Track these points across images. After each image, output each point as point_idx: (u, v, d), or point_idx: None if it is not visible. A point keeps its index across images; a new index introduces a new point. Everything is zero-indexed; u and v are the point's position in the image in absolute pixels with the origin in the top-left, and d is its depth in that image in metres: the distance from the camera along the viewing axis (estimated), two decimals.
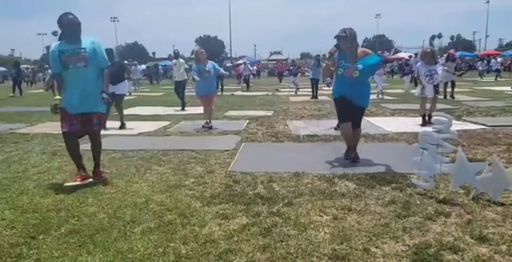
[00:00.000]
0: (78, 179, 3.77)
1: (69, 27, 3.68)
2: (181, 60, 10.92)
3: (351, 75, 4.30)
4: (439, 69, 6.98)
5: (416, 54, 15.47)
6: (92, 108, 3.81)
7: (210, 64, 7.16)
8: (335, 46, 4.35)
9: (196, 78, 6.98)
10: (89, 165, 4.12)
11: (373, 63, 4.39)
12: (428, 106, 7.18)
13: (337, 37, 4.32)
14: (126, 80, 7.62)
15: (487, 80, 23.82)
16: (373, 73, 4.31)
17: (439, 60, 8.94)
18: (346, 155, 4.55)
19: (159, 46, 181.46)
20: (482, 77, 26.66)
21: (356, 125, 4.52)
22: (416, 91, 7.46)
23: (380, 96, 13.13)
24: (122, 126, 7.33)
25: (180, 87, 10.73)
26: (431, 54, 7.13)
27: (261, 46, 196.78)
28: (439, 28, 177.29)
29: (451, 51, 13.42)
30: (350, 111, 4.45)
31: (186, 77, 10.71)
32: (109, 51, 7.47)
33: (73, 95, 3.72)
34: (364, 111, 4.63)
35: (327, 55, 4.47)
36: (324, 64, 4.81)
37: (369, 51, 4.52)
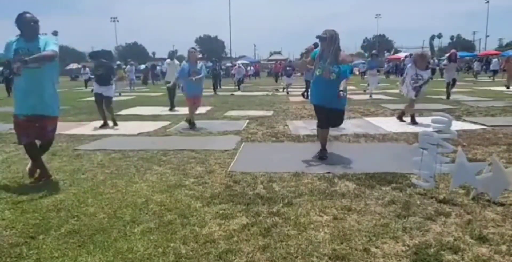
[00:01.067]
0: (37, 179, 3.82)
1: (26, 25, 3.60)
2: (176, 62, 10.91)
3: (328, 77, 4.36)
4: (426, 75, 7.04)
5: (411, 54, 15.42)
6: (46, 111, 3.73)
7: (199, 65, 7.22)
8: (313, 44, 4.44)
9: (179, 78, 7.05)
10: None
11: (345, 71, 4.43)
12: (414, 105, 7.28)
13: (318, 37, 4.39)
14: (113, 83, 7.71)
15: (483, 80, 23.84)
16: (346, 77, 4.44)
17: (432, 61, 9.02)
18: (322, 154, 4.65)
19: (159, 46, 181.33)
20: (476, 77, 26.68)
21: (337, 126, 4.70)
22: (404, 92, 7.48)
23: (372, 96, 13.19)
24: (114, 124, 7.50)
25: (172, 87, 10.73)
26: (423, 59, 7.15)
27: (261, 46, 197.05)
28: (439, 28, 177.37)
29: (453, 51, 13.32)
30: (329, 116, 4.59)
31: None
32: (107, 53, 7.51)
33: (27, 97, 3.64)
34: (344, 113, 4.70)
35: (304, 51, 4.60)
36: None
37: (348, 60, 4.55)
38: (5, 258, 2.33)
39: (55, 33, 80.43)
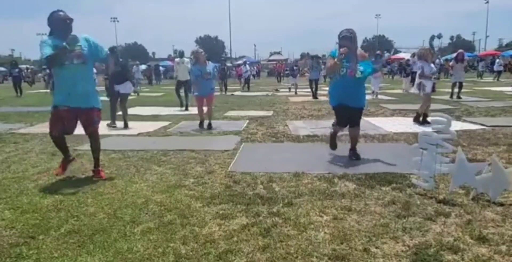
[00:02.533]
0: (63, 169, 3.98)
1: (61, 23, 3.67)
2: (186, 59, 10.84)
3: (353, 76, 4.38)
4: (430, 67, 7.11)
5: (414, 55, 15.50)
6: (90, 104, 3.84)
7: (210, 66, 7.17)
8: (342, 47, 4.35)
9: (195, 80, 7.03)
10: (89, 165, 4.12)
11: (370, 70, 4.58)
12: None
13: (344, 37, 4.39)
14: (128, 80, 7.65)
15: (486, 81, 23.84)
16: (369, 76, 4.54)
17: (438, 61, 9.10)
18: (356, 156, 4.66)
19: (159, 46, 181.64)
20: (481, 78, 26.65)
21: (355, 124, 4.64)
22: (419, 90, 7.40)
23: (374, 96, 13.25)
24: (126, 126, 7.36)
25: (182, 87, 10.72)
26: (430, 53, 7.26)
27: (261, 46, 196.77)
28: (439, 28, 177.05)
29: (461, 51, 13.28)
30: (348, 115, 4.60)
31: (189, 77, 10.72)
32: (111, 49, 7.47)
33: (71, 91, 3.73)
34: (362, 111, 4.72)
35: (341, 56, 4.40)
36: (326, 64, 4.89)
37: (365, 54, 4.66)
38: (5, 258, 2.33)
39: None
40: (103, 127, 7.22)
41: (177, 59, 11.09)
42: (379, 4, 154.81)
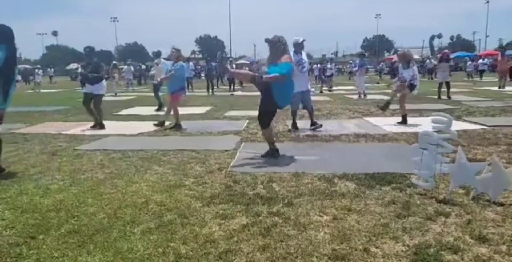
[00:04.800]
0: None
1: None
2: (162, 61, 10.86)
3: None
4: (406, 73, 7.08)
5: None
6: None
7: (178, 65, 7.26)
8: None
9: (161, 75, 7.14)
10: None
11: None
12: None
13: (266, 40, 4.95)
14: (103, 81, 7.36)
15: (474, 80, 23.94)
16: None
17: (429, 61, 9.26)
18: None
19: (159, 46, 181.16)
20: (470, 78, 26.71)
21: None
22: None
23: (362, 96, 13.29)
24: (102, 126, 7.19)
25: (158, 87, 10.70)
26: (401, 57, 7.40)
27: (261, 46, 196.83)
28: (439, 28, 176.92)
29: (445, 51, 13.52)
30: None
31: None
32: (85, 49, 7.33)
33: None
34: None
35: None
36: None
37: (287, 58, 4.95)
38: (5, 258, 2.33)
39: (54, 33, 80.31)
40: (93, 128, 7.24)
41: (156, 60, 11.08)
42: (379, 4, 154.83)
